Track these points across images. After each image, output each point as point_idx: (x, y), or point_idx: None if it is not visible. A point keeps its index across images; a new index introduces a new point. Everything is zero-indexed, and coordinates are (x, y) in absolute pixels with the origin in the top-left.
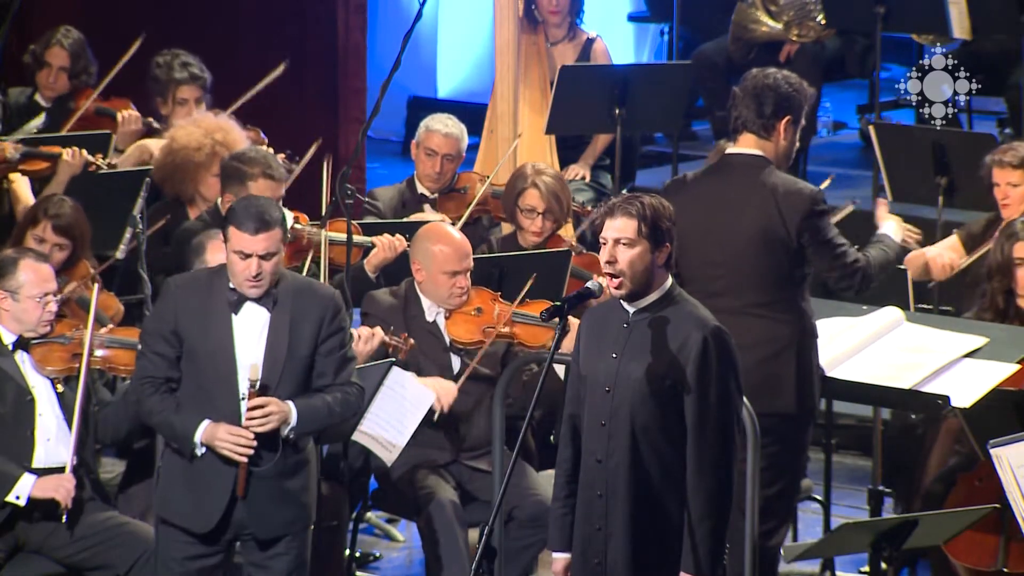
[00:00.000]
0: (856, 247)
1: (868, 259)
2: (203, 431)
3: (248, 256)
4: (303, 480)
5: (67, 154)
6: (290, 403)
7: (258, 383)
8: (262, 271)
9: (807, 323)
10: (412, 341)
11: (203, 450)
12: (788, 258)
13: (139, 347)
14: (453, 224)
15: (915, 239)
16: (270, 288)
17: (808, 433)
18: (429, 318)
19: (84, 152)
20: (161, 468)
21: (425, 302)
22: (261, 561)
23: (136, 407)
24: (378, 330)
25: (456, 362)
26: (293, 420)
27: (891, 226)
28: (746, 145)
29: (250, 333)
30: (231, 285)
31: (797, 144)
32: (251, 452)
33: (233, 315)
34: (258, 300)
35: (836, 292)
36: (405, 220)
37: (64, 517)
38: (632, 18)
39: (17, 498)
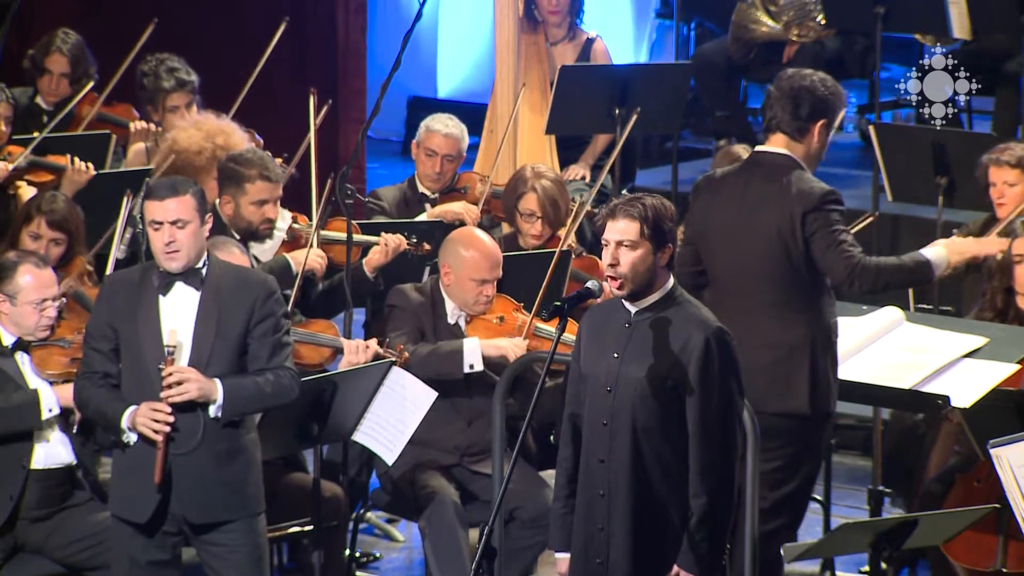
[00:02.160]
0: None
1: (871, 263)
2: (128, 415)
3: (160, 225)
4: (241, 468)
5: (71, 169)
6: (216, 380)
7: (176, 349)
8: (175, 239)
9: (824, 324)
10: (407, 354)
11: (134, 437)
12: (801, 258)
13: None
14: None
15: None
16: (199, 267)
17: (823, 435)
18: (451, 320)
19: (91, 167)
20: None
21: (449, 304)
22: (211, 560)
23: (76, 402)
24: (373, 342)
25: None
26: (219, 397)
27: (940, 255)
28: (776, 144)
29: (179, 313)
30: (160, 269)
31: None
32: (167, 428)
33: (161, 297)
34: (186, 281)
35: (835, 289)
36: (410, 220)
37: (76, 427)
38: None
39: (50, 411)
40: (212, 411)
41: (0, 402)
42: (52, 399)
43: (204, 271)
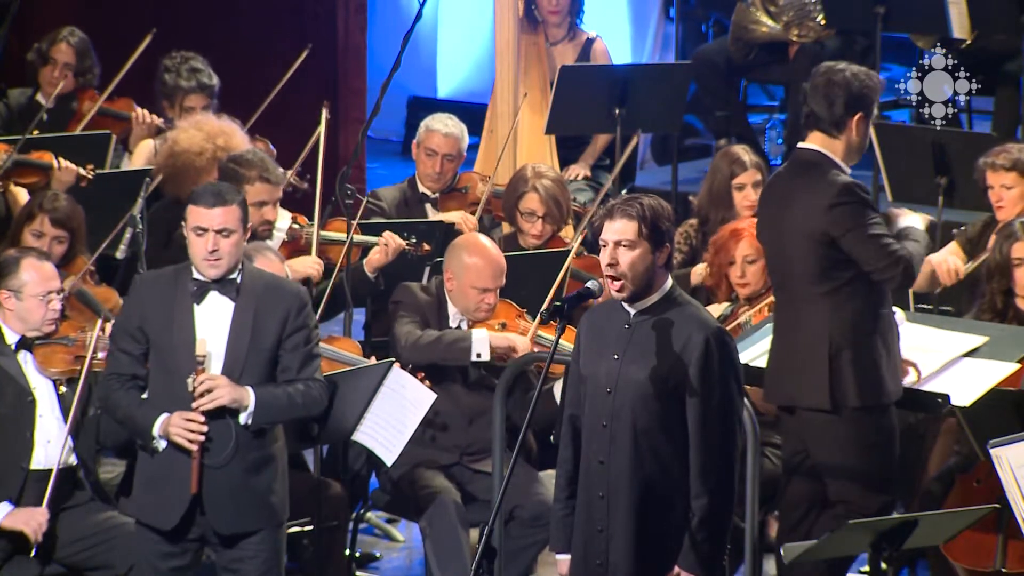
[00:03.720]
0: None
1: (909, 252)
2: (160, 423)
3: (205, 231)
4: (269, 478)
5: (58, 169)
6: (248, 388)
7: (206, 359)
8: (219, 248)
9: (852, 317)
10: (427, 383)
11: (163, 444)
12: (828, 253)
13: (111, 338)
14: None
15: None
16: (234, 277)
17: (866, 429)
18: (452, 324)
19: (75, 166)
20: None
21: (451, 308)
22: (229, 564)
23: (103, 403)
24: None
25: (474, 368)
26: (250, 404)
27: (915, 219)
28: (813, 141)
29: (213, 323)
30: (195, 276)
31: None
32: (202, 438)
33: (196, 305)
34: (221, 290)
35: (881, 285)
36: (409, 220)
37: (34, 551)
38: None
39: None
40: (243, 419)
41: None
42: (3, 513)
43: (239, 280)
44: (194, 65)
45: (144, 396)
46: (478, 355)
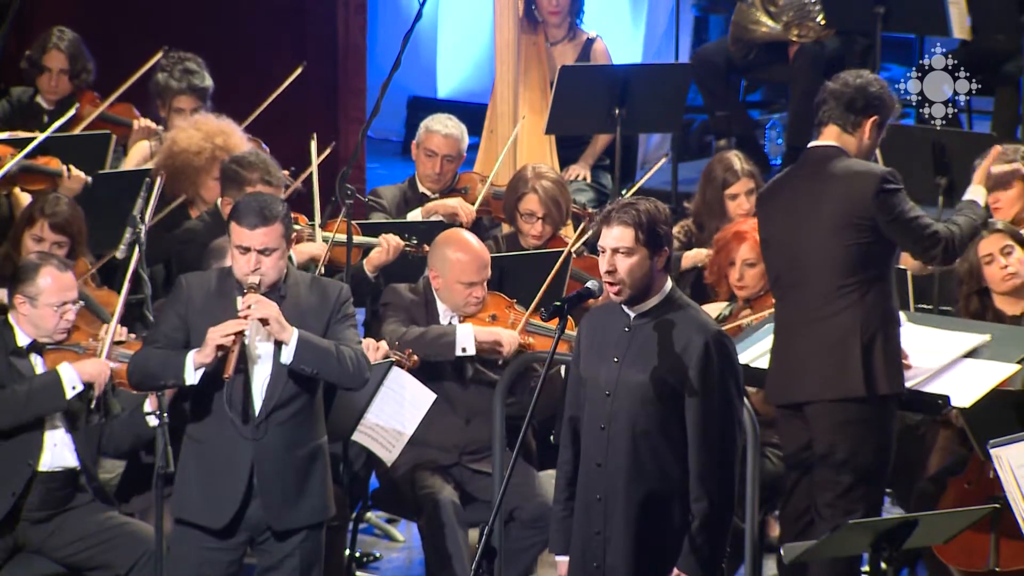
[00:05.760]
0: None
1: (951, 229)
2: (194, 352)
3: (247, 251)
4: (319, 475)
5: (67, 178)
6: (293, 328)
7: (255, 287)
8: (261, 266)
9: (879, 307)
10: (416, 358)
11: (197, 376)
12: (858, 244)
13: (149, 329)
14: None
15: None
16: (278, 283)
17: (886, 419)
18: (443, 320)
19: (85, 176)
20: (176, 468)
21: (440, 306)
22: (274, 562)
23: (136, 369)
24: (383, 344)
25: (469, 366)
26: (292, 340)
27: (978, 191)
28: (828, 138)
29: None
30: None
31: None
32: (244, 324)
33: None
34: (267, 293)
35: (926, 263)
36: (409, 221)
37: (95, 403)
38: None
39: (73, 388)
40: (285, 355)
41: (24, 387)
42: (73, 376)
43: (284, 284)
44: (188, 66)
45: None
46: (463, 349)
